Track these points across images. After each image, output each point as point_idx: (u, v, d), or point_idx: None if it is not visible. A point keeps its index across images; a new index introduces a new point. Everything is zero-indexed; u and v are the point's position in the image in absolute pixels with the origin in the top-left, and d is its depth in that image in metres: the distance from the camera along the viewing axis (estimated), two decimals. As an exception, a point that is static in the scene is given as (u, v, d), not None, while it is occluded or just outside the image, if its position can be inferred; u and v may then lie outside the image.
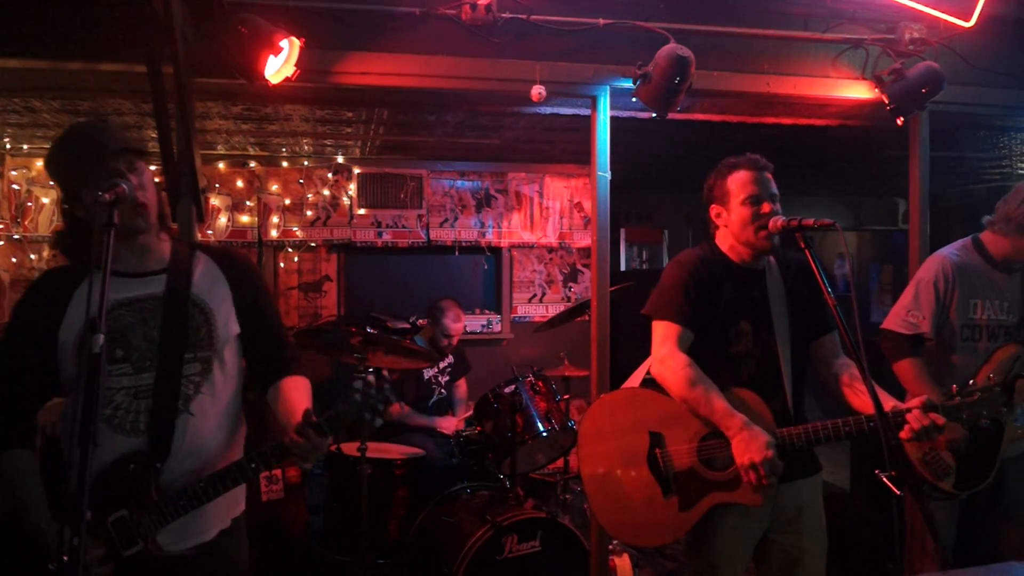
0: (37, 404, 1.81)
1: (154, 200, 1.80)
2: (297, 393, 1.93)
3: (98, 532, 1.67)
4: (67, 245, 1.84)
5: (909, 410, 2.03)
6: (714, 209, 2.35)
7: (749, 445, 2.05)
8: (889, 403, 2.11)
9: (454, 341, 4.61)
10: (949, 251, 2.84)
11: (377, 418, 1.78)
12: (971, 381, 2.09)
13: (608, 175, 3.26)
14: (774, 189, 2.27)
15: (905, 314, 2.77)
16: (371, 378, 1.80)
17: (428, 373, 4.50)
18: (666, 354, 2.23)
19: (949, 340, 2.75)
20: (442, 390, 4.58)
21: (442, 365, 4.58)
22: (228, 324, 1.87)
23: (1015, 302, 2.78)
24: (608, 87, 3.23)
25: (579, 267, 6.08)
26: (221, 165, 5.30)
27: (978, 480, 2.63)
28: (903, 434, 2.03)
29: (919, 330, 2.72)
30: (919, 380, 2.67)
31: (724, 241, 2.36)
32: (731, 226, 2.31)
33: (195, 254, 1.90)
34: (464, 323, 4.68)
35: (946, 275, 2.74)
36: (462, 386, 4.76)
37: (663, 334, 2.27)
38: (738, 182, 2.28)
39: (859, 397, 2.19)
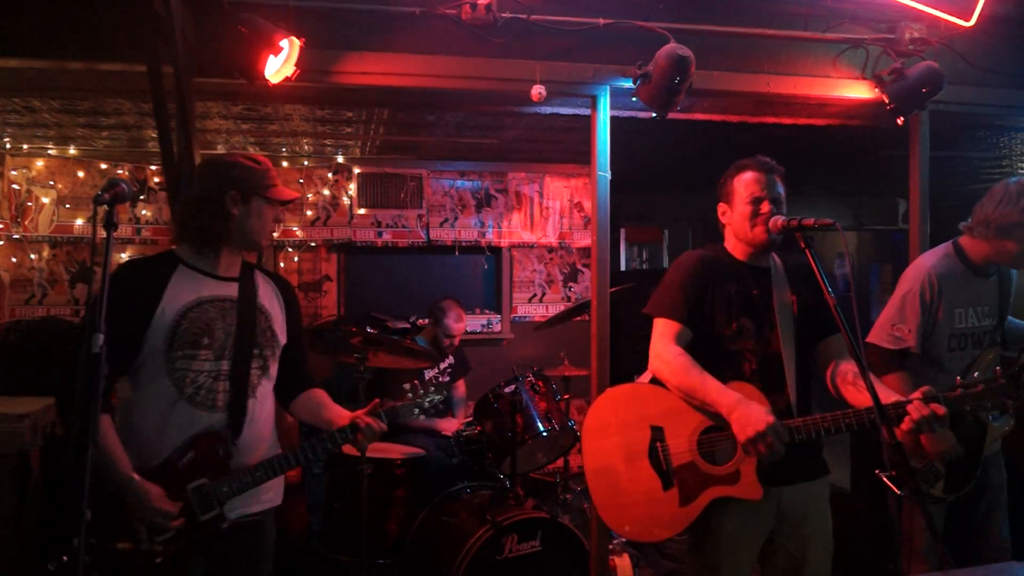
0: (119, 376, 2.05)
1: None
2: (330, 400, 2.32)
3: (179, 496, 1.91)
4: (199, 231, 2.07)
5: (910, 401, 2.04)
6: (721, 207, 2.42)
7: (748, 418, 2.06)
8: (891, 398, 2.11)
9: (456, 341, 4.61)
10: (932, 260, 2.77)
11: (421, 415, 2.33)
12: (957, 378, 2.09)
13: (608, 175, 3.26)
14: (779, 191, 2.31)
15: (890, 328, 2.71)
16: (417, 383, 2.34)
17: (429, 374, 4.50)
18: (660, 348, 2.29)
19: (936, 350, 2.71)
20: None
21: (442, 366, 4.58)
22: (282, 333, 2.21)
23: (994, 305, 2.76)
24: (608, 87, 3.23)
25: (579, 267, 6.08)
26: (221, 165, 5.30)
27: (965, 482, 2.63)
28: (904, 425, 2.03)
29: (904, 344, 2.67)
30: (906, 394, 2.66)
31: (729, 240, 2.42)
32: (733, 224, 2.37)
33: (254, 272, 2.22)
34: (466, 323, 4.67)
35: (932, 286, 2.68)
36: (460, 387, 4.76)
37: (660, 331, 2.32)
38: (744, 182, 2.33)
39: (861, 394, 2.19)
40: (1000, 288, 2.80)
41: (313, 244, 5.52)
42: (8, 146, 4.89)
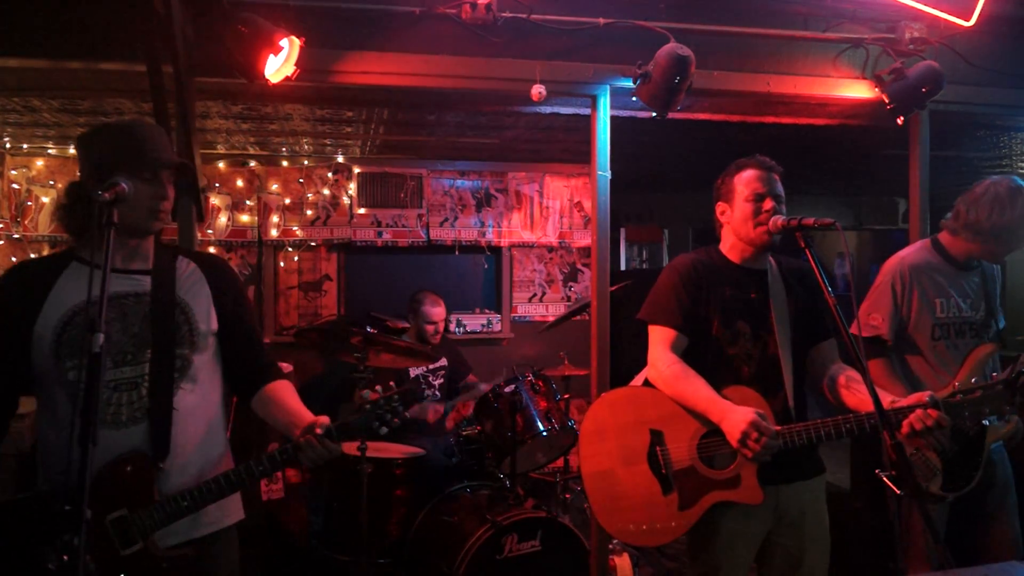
0: (6, 405, 1.82)
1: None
2: (293, 398, 1.97)
3: (97, 531, 1.67)
4: (71, 223, 1.84)
5: (910, 407, 2.04)
6: (720, 207, 2.40)
7: (734, 424, 2.08)
8: (887, 399, 2.11)
9: (440, 327, 4.59)
10: (907, 253, 2.84)
11: (384, 427, 1.89)
12: (955, 383, 2.10)
13: (608, 175, 3.26)
14: (779, 190, 2.31)
15: (866, 317, 2.78)
16: (380, 388, 1.91)
17: (414, 371, 4.48)
18: (656, 356, 2.29)
19: (919, 340, 2.74)
20: (436, 391, 4.56)
21: (432, 366, 4.56)
22: (208, 320, 1.91)
23: (977, 298, 2.78)
24: (608, 87, 3.23)
25: (579, 267, 6.07)
26: (221, 164, 5.30)
27: (964, 482, 2.63)
28: (903, 430, 2.03)
29: (877, 332, 2.72)
30: (886, 381, 2.68)
31: (727, 240, 2.40)
32: (733, 223, 2.35)
33: (177, 258, 1.95)
34: (443, 307, 4.65)
35: (903, 277, 2.73)
36: (471, 378, 4.73)
37: (656, 338, 2.32)
38: (744, 180, 2.32)
39: (857, 397, 2.20)
40: (984, 282, 2.81)
41: (313, 244, 5.52)
42: (8, 146, 4.89)
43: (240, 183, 5.35)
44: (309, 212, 5.47)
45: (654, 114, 3.13)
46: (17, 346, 1.74)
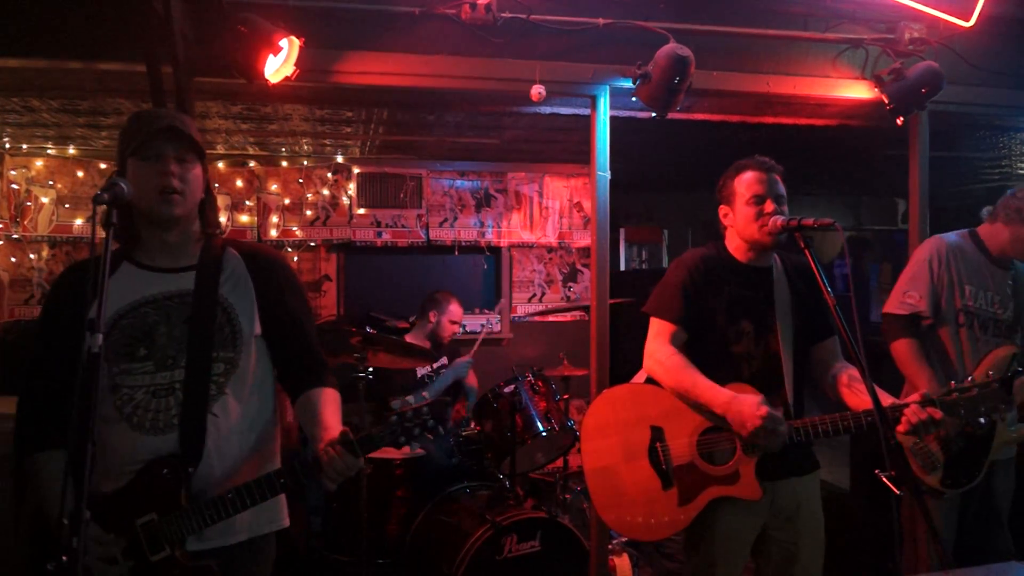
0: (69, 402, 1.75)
1: (195, 197, 1.78)
2: (329, 408, 1.85)
3: (127, 535, 1.65)
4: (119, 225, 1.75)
5: (907, 404, 2.05)
6: (722, 209, 2.41)
7: (743, 414, 2.09)
8: (887, 401, 2.12)
9: (456, 329, 4.61)
10: (945, 236, 2.89)
11: (413, 442, 1.77)
12: (969, 378, 2.10)
13: (608, 175, 3.26)
14: (780, 190, 2.31)
15: (902, 295, 2.81)
16: (411, 399, 1.76)
17: (421, 371, 4.48)
18: (655, 348, 2.30)
19: (944, 324, 2.77)
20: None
21: (436, 365, 4.56)
22: (252, 323, 1.82)
23: (1006, 297, 2.79)
24: (608, 87, 3.23)
25: (579, 267, 6.07)
26: (221, 165, 5.30)
27: (966, 479, 2.63)
28: (900, 427, 2.04)
29: (916, 309, 2.75)
30: (914, 361, 2.69)
31: (731, 241, 2.41)
32: (736, 225, 2.36)
33: (225, 251, 1.86)
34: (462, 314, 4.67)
35: (940, 255, 2.78)
36: (471, 378, 4.72)
37: (656, 331, 2.34)
38: (744, 182, 2.32)
39: (858, 396, 2.21)
40: (1015, 285, 2.82)
41: (312, 244, 5.52)
42: (8, 146, 4.89)
43: (239, 183, 5.35)
44: (308, 212, 5.47)
45: (654, 114, 3.13)
46: (75, 346, 1.62)
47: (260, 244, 2.78)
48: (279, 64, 2.75)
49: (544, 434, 3.65)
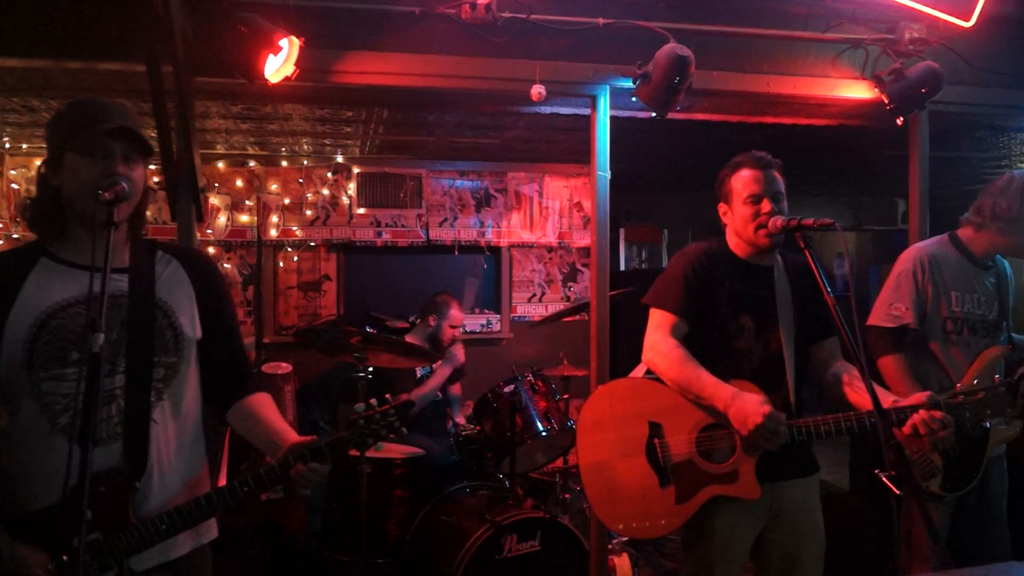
0: None
1: (135, 200, 1.68)
2: (275, 413, 1.82)
3: (71, 557, 1.47)
4: (33, 216, 1.69)
5: (912, 407, 2.04)
6: (721, 207, 2.39)
7: (745, 412, 2.06)
8: (888, 399, 2.11)
9: (457, 333, 4.60)
10: (925, 244, 2.86)
11: (379, 443, 1.74)
12: (958, 385, 2.10)
13: (608, 175, 3.26)
14: (779, 187, 2.28)
15: (888, 308, 2.75)
16: (375, 402, 1.74)
17: (420, 371, 4.48)
18: (656, 340, 2.26)
19: (931, 334, 2.74)
20: (436, 392, 4.55)
21: (435, 365, 4.55)
22: (193, 327, 1.77)
23: (991, 297, 2.77)
24: (608, 87, 3.23)
25: (579, 267, 6.07)
26: (220, 164, 5.30)
27: (964, 482, 2.63)
28: (904, 429, 2.03)
29: (903, 322, 2.70)
30: (901, 378, 2.66)
31: (732, 238, 2.39)
32: (734, 224, 2.34)
33: (156, 254, 1.78)
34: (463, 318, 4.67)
35: (923, 265, 2.73)
36: (456, 387, 4.73)
37: (657, 322, 2.30)
38: (741, 181, 2.30)
39: (860, 395, 2.20)
40: (998, 283, 2.81)
41: (312, 244, 5.52)
42: (7, 146, 4.89)
43: (239, 183, 5.35)
44: (308, 212, 5.47)
45: (654, 114, 3.13)
46: None
47: (191, 247, 2.70)
48: (279, 64, 2.75)
49: (544, 434, 3.65)
